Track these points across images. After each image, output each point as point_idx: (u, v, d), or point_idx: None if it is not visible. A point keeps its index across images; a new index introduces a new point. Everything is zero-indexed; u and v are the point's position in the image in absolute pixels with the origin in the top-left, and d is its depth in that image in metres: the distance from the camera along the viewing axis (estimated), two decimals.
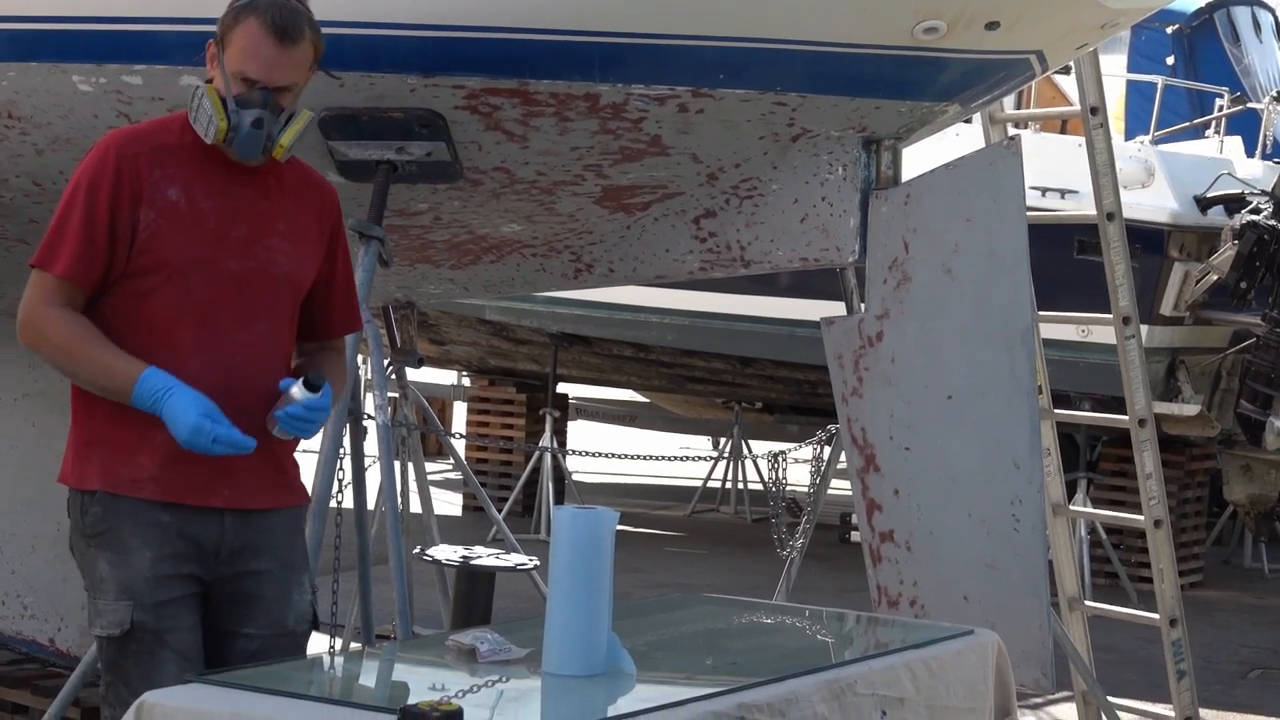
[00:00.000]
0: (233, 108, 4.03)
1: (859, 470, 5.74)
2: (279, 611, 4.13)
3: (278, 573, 4.13)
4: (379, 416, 5.53)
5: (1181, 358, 12.53)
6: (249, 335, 4.07)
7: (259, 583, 4.10)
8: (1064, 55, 5.91)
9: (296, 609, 4.17)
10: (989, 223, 5.56)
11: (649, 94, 5.27)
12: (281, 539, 4.16)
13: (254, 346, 4.08)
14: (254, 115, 4.03)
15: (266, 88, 4.05)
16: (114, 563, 3.96)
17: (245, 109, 4.03)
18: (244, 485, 4.06)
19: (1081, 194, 10.52)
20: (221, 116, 4.02)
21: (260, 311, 4.10)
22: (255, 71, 4.05)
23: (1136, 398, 7.29)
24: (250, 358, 4.07)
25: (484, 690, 3.61)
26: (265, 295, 4.11)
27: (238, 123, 4.02)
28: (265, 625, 4.11)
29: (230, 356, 4.04)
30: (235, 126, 4.03)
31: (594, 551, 3.78)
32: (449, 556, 7.08)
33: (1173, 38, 15.09)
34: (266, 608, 4.11)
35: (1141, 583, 12.00)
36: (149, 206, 3.99)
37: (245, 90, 4.05)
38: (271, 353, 4.13)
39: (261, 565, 4.10)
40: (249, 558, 4.09)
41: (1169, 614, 7.36)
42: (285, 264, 4.14)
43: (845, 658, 4.37)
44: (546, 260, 6.27)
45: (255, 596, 4.10)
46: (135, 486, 3.97)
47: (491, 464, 15.55)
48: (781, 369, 13.82)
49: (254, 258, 4.09)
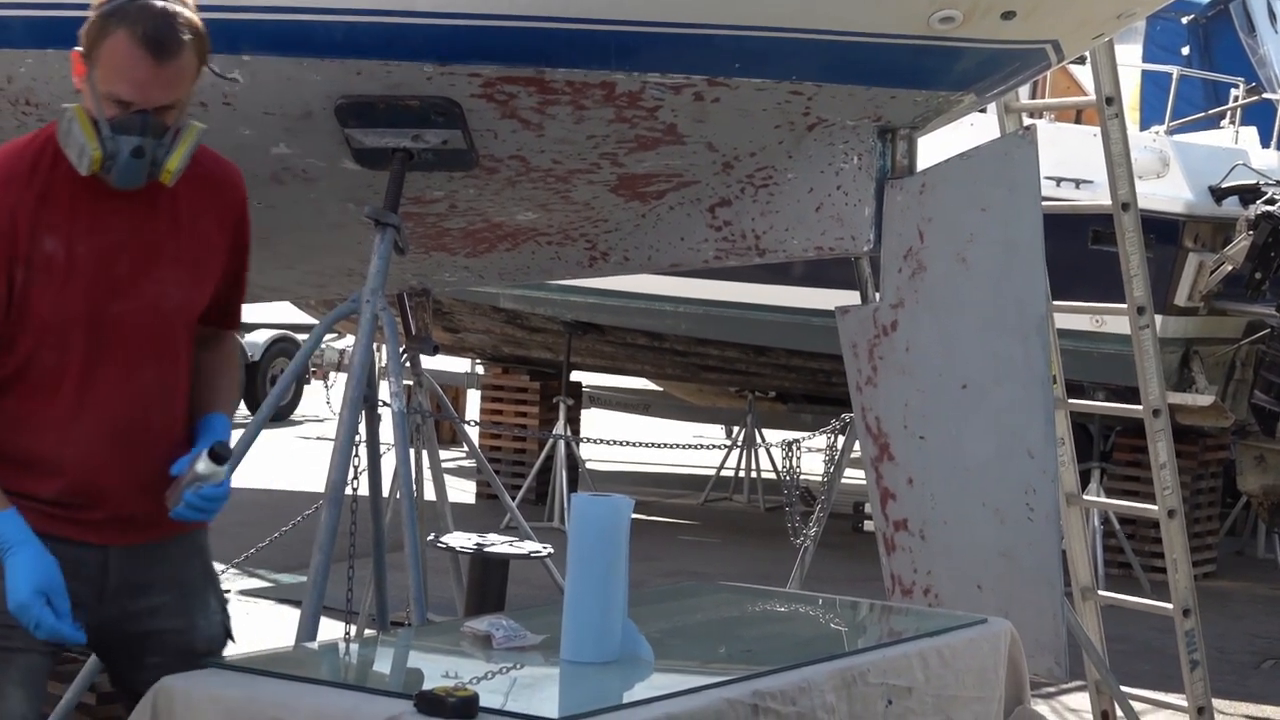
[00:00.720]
0: (107, 133, 3.59)
1: (873, 459, 5.74)
2: (185, 641, 3.87)
3: (175, 603, 3.87)
4: (394, 404, 5.54)
5: (1196, 348, 12.51)
6: (140, 382, 3.75)
7: (155, 618, 3.84)
8: (1080, 45, 5.91)
9: (203, 634, 3.91)
10: (1004, 212, 5.56)
11: (665, 83, 5.28)
12: (177, 567, 3.89)
13: (146, 393, 3.77)
14: (133, 144, 3.59)
15: (145, 109, 3.61)
16: None
17: (122, 135, 3.59)
18: (131, 523, 3.79)
19: (1096, 184, 10.50)
20: (95, 145, 3.59)
21: (149, 354, 3.76)
22: (128, 93, 3.60)
23: (1151, 388, 7.28)
24: (143, 404, 3.76)
25: (499, 676, 3.63)
26: (153, 336, 3.77)
27: (114, 150, 3.59)
28: (171, 654, 3.82)
29: (120, 408, 3.73)
30: (112, 155, 3.60)
31: (611, 538, 3.79)
32: (463, 544, 7.09)
33: (1188, 28, 15.07)
34: (168, 639, 3.85)
35: (1155, 573, 11.99)
36: (24, 265, 3.60)
37: (120, 113, 3.60)
38: (165, 394, 3.82)
39: (154, 600, 3.83)
40: (138, 594, 3.81)
41: (1182, 604, 7.36)
42: (176, 295, 3.80)
43: (858, 646, 4.38)
44: (561, 248, 6.27)
45: (154, 631, 3.84)
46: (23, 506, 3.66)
47: (505, 452, 15.55)
48: (796, 358, 13.81)
49: (139, 296, 3.73)
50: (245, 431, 5.55)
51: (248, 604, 10.30)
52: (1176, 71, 13.34)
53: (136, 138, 3.60)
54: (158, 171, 3.66)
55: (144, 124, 3.60)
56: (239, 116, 5.46)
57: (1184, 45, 14.98)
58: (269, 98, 5.39)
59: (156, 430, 3.81)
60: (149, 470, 3.78)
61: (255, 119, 5.47)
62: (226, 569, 10.51)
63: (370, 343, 5.47)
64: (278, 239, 6.38)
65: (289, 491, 14.57)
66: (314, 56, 5.27)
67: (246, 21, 5.32)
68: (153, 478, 3.78)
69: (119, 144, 3.60)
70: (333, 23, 5.25)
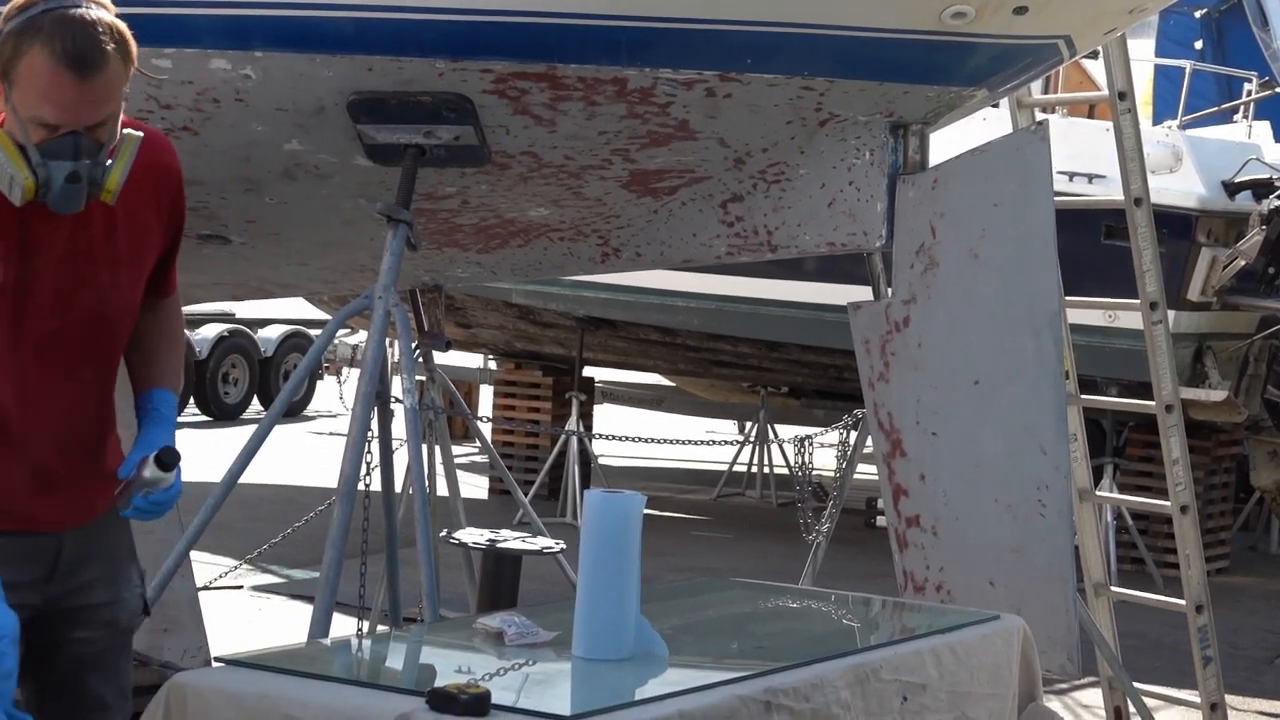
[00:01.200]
0: (37, 160, 3.34)
1: (885, 455, 5.74)
2: (111, 613, 3.78)
3: (106, 577, 3.78)
4: (407, 400, 5.54)
5: (1208, 343, 12.49)
6: (79, 382, 3.64)
7: (89, 592, 3.74)
8: (1092, 40, 5.90)
9: (127, 606, 3.83)
10: (1016, 208, 5.56)
11: (676, 78, 5.27)
12: (111, 538, 3.79)
13: (86, 390, 3.67)
14: (67, 169, 3.35)
15: (75, 130, 3.36)
16: None
17: (54, 160, 3.35)
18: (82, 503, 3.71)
19: (1109, 179, 10.49)
20: (25, 173, 3.35)
21: (90, 355, 3.65)
22: (54, 117, 3.34)
23: (1163, 383, 7.27)
24: (83, 401, 3.67)
25: (511, 673, 3.63)
26: (93, 339, 3.64)
27: (47, 178, 3.35)
28: (98, 628, 3.76)
29: (62, 410, 3.61)
30: (45, 183, 3.36)
31: (623, 534, 3.79)
32: (475, 540, 7.09)
33: (1201, 22, 15.06)
34: (100, 613, 3.76)
35: (1168, 568, 11.99)
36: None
37: (48, 135, 3.35)
38: (105, 386, 3.72)
39: (90, 575, 3.74)
40: (80, 570, 3.73)
41: (1195, 600, 7.35)
42: (116, 299, 3.64)
43: (871, 643, 4.38)
44: (574, 244, 6.27)
45: (85, 606, 3.74)
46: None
47: (518, 447, 15.57)
48: (808, 353, 13.81)
49: (78, 308, 3.58)
50: (259, 427, 5.55)
51: (260, 600, 10.32)
52: (1189, 66, 13.34)
53: (69, 163, 3.37)
54: (97, 192, 3.45)
55: (76, 147, 3.37)
56: (251, 113, 5.46)
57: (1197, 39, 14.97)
58: (281, 94, 5.39)
59: (100, 420, 3.75)
60: (96, 457, 3.73)
61: (267, 115, 5.47)
62: (239, 564, 10.54)
63: (383, 339, 5.47)
64: (290, 235, 6.39)
65: (301, 487, 14.59)
66: (326, 52, 5.27)
67: (258, 18, 5.32)
68: (99, 463, 3.72)
69: (50, 170, 3.36)
70: (344, 18, 5.25)
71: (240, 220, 6.19)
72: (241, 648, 4.03)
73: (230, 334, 21.53)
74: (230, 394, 21.59)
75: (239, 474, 5.42)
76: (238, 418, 21.25)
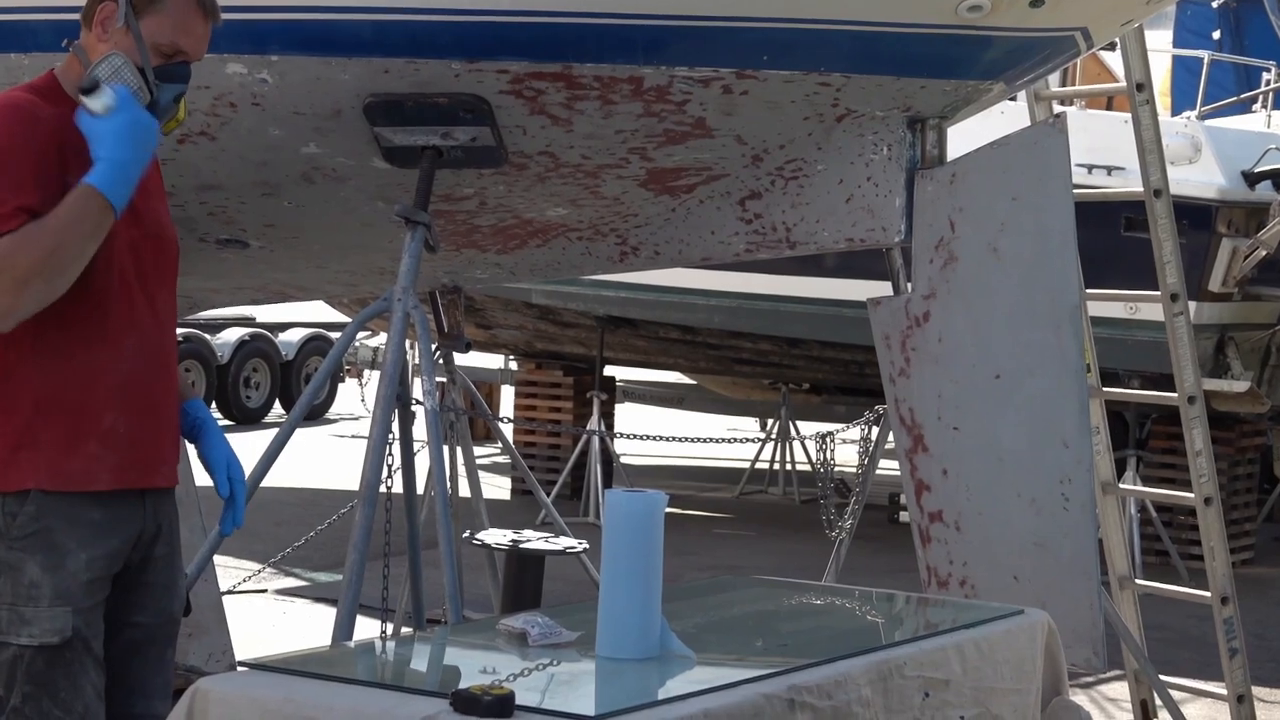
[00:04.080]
0: (154, 80, 3.85)
1: (907, 450, 5.73)
2: (166, 599, 3.99)
3: (167, 558, 3.99)
4: (428, 402, 5.54)
5: (1230, 334, 12.46)
6: (160, 308, 3.96)
7: (154, 570, 3.96)
8: (1109, 31, 5.89)
9: (179, 594, 4.03)
10: (1035, 201, 5.54)
11: (693, 76, 5.27)
12: (173, 520, 4.03)
13: (164, 320, 3.97)
14: (178, 90, 3.91)
15: (186, 62, 3.92)
16: (47, 566, 3.73)
17: (167, 82, 3.88)
18: (169, 461, 3.96)
19: (1128, 171, 10.45)
20: (147, 90, 3.83)
21: (164, 281, 3.99)
22: (188, 45, 3.90)
23: (1185, 375, 7.26)
24: (163, 330, 3.97)
25: (535, 674, 3.63)
26: (163, 263, 3.98)
27: (158, 97, 3.86)
28: (154, 614, 3.96)
29: (152, 332, 3.92)
30: (156, 100, 3.86)
31: (646, 534, 3.79)
32: (498, 540, 7.10)
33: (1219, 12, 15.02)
34: (157, 595, 3.96)
35: (1192, 560, 11.95)
36: (70, 172, 3.75)
37: (164, 63, 3.88)
38: (173, 323, 4.05)
39: (159, 550, 3.96)
40: (153, 543, 3.95)
41: (1220, 592, 7.33)
42: (167, 223, 4.04)
43: (895, 639, 4.37)
44: (592, 243, 6.27)
45: (149, 584, 3.95)
46: (81, 478, 3.77)
47: (539, 447, 15.57)
48: (829, 350, 13.80)
49: (148, 224, 3.95)
50: (280, 431, 5.56)
51: (284, 603, 10.32)
52: (1207, 56, 13.30)
53: (182, 85, 3.92)
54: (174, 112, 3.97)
55: (188, 74, 3.93)
56: (269, 117, 5.47)
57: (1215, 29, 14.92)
58: (298, 97, 5.40)
59: (170, 358, 3.99)
60: (170, 399, 3.97)
61: (285, 119, 5.48)
62: (263, 568, 10.56)
63: (403, 341, 5.48)
64: (309, 238, 6.40)
65: (323, 490, 14.61)
66: (342, 55, 5.27)
67: (275, 22, 5.33)
68: (172, 410, 3.98)
69: (163, 90, 3.87)
70: (360, 21, 5.25)
71: (259, 224, 6.20)
72: (265, 651, 4.03)
73: (251, 338, 21.57)
74: (252, 398, 21.63)
75: (261, 478, 5.42)
76: (259, 421, 21.28)
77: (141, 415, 3.88)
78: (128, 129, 3.73)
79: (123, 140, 3.72)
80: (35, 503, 3.74)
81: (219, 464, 4.05)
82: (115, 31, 3.85)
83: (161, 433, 3.94)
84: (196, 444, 4.11)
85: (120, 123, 3.73)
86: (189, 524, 7.05)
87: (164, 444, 3.95)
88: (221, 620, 7.23)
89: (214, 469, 4.05)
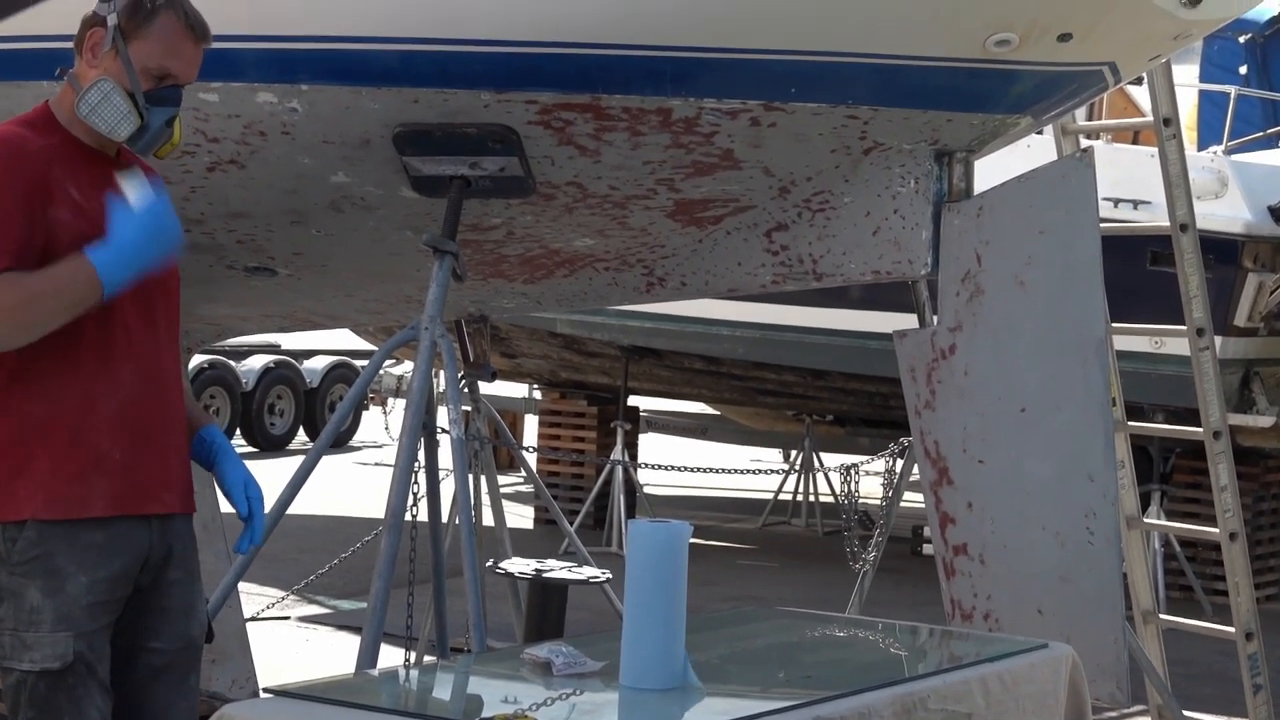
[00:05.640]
0: (144, 105, 3.87)
1: (932, 483, 5.73)
2: (184, 624, 3.98)
3: (184, 582, 3.98)
4: (453, 430, 5.55)
5: (1256, 369, 12.42)
6: (157, 332, 3.95)
7: (169, 594, 3.95)
8: (1137, 66, 5.89)
9: (199, 620, 4.02)
10: (1062, 235, 5.55)
11: (721, 108, 5.28)
12: (189, 545, 4.02)
13: (161, 344, 3.96)
14: (169, 114, 3.91)
15: (177, 85, 3.92)
16: (48, 590, 3.73)
17: (157, 106, 3.89)
18: (173, 488, 3.95)
19: (1155, 205, 10.45)
20: (137, 114, 3.86)
21: (159, 303, 3.96)
22: (178, 69, 3.91)
23: (1211, 409, 7.25)
24: (160, 354, 3.95)
25: (559, 703, 3.63)
26: (159, 286, 3.94)
27: (149, 121, 3.88)
28: (172, 639, 3.95)
29: (148, 358, 3.90)
30: (147, 125, 3.89)
31: (669, 564, 3.79)
32: (522, 569, 7.10)
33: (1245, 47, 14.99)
34: (173, 620, 3.95)
35: (1217, 596, 11.91)
36: (56, 205, 3.78)
37: (154, 87, 3.89)
38: (174, 346, 4.02)
39: (173, 575, 3.95)
40: (164, 568, 3.94)
41: (1245, 627, 7.31)
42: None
43: (918, 671, 4.37)
44: (619, 274, 6.28)
45: (164, 609, 3.94)
46: (78, 506, 3.77)
47: (563, 477, 15.58)
48: (853, 381, 13.78)
49: None
50: (306, 458, 5.57)
51: (307, 630, 10.33)
52: (1234, 91, 13.27)
53: (173, 108, 3.92)
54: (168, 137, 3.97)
55: (178, 98, 3.93)
56: (298, 146, 5.49)
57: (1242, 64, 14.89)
58: (327, 127, 5.42)
59: (173, 385, 3.97)
60: (174, 426, 3.96)
61: (314, 148, 5.50)
62: (286, 595, 10.56)
63: (429, 369, 5.49)
64: (337, 267, 6.41)
65: (348, 518, 14.62)
66: (371, 85, 5.30)
67: (305, 51, 5.35)
68: (178, 436, 3.97)
69: (153, 114, 3.89)
70: (390, 51, 5.27)
71: (287, 252, 6.22)
72: (289, 678, 4.03)
73: (276, 365, 21.60)
74: (276, 425, 21.66)
75: (286, 505, 5.43)
76: (283, 449, 21.31)
77: (140, 442, 3.87)
78: (150, 223, 3.76)
79: (141, 232, 3.75)
80: (34, 529, 3.75)
81: (236, 485, 4.04)
82: (104, 57, 3.88)
83: (163, 459, 3.92)
84: (213, 469, 4.11)
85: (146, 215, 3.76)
86: (213, 550, 7.07)
87: (166, 470, 3.93)
88: (245, 647, 7.24)
89: (231, 490, 4.05)
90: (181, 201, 5.78)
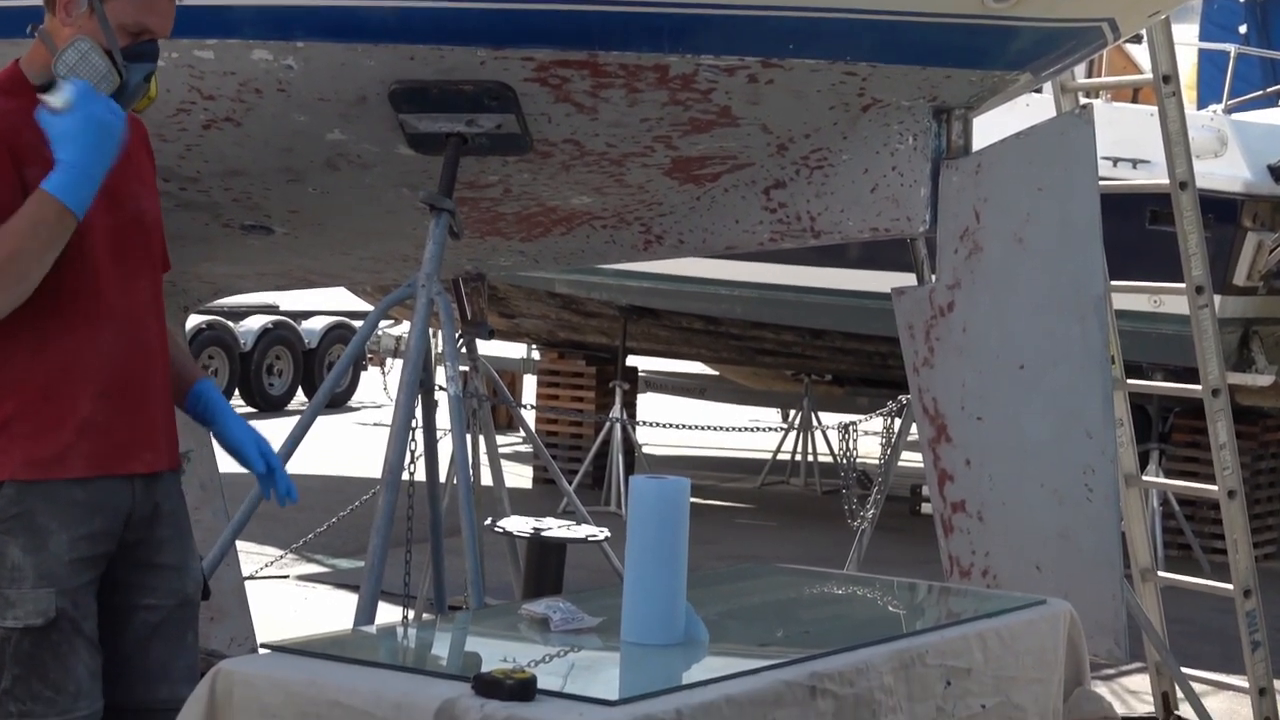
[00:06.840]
0: (122, 62, 3.79)
1: (930, 441, 5.73)
2: (178, 581, 3.97)
3: (175, 539, 3.97)
4: (450, 389, 5.55)
5: (1255, 328, 12.43)
6: (138, 293, 3.90)
7: (160, 551, 3.94)
8: (1136, 23, 5.87)
9: (194, 576, 4.01)
10: (1061, 192, 5.53)
11: (718, 65, 5.27)
12: (177, 502, 4.00)
13: (144, 304, 3.91)
14: (147, 70, 3.85)
15: (154, 40, 3.86)
16: (29, 548, 3.72)
17: (135, 63, 3.82)
18: (156, 447, 3.92)
19: (1154, 163, 10.45)
20: (116, 73, 3.77)
21: (142, 265, 3.92)
22: (154, 24, 3.85)
23: (1210, 368, 7.24)
24: (143, 314, 3.91)
25: (556, 659, 3.63)
26: (142, 247, 3.92)
27: (128, 78, 3.81)
28: (166, 595, 3.94)
29: (130, 316, 3.86)
30: (126, 82, 3.81)
31: (671, 519, 3.79)
32: (520, 528, 7.10)
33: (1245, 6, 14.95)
34: (167, 577, 3.95)
35: (1215, 554, 11.93)
36: (30, 166, 3.71)
37: (131, 43, 3.82)
38: (157, 306, 3.96)
39: (162, 532, 3.94)
40: (152, 525, 3.92)
41: (1243, 585, 7.31)
42: (149, 208, 3.97)
43: (916, 628, 4.37)
44: (616, 232, 6.27)
45: (156, 566, 3.93)
46: (56, 467, 3.75)
47: (561, 436, 15.59)
48: (851, 341, 13.78)
49: (125, 208, 3.88)
50: (302, 417, 5.57)
51: (306, 589, 10.35)
52: (1234, 49, 13.24)
53: (151, 64, 3.87)
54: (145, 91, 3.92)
55: (156, 53, 3.88)
56: (294, 103, 5.47)
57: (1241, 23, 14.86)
58: (323, 84, 5.40)
59: (156, 342, 3.93)
60: (157, 384, 3.92)
61: (310, 105, 5.48)
62: (285, 554, 10.58)
63: (426, 328, 5.48)
64: (333, 225, 6.40)
65: (346, 477, 14.63)
66: (367, 42, 5.28)
67: (300, 7, 5.33)
68: (160, 394, 3.94)
69: (132, 71, 3.83)
70: (386, 7, 5.26)
71: (283, 210, 6.21)
72: (287, 636, 4.03)
73: (274, 326, 21.61)
74: (275, 385, 21.68)
75: (284, 464, 5.43)
76: (282, 409, 21.32)
77: (121, 402, 3.84)
78: (86, 127, 3.66)
79: (82, 140, 3.67)
80: (13, 488, 3.73)
81: (247, 443, 4.05)
82: (79, 15, 3.80)
83: (146, 417, 3.89)
84: (211, 426, 4.09)
85: (79, 120, 3.66)
86: (212, 509, 7.08)
87: (150, 429, 3.90)
88: (243, 605, 7.25)
89: (243, 448, 4.05)
90: (177, 159, 5.77)
